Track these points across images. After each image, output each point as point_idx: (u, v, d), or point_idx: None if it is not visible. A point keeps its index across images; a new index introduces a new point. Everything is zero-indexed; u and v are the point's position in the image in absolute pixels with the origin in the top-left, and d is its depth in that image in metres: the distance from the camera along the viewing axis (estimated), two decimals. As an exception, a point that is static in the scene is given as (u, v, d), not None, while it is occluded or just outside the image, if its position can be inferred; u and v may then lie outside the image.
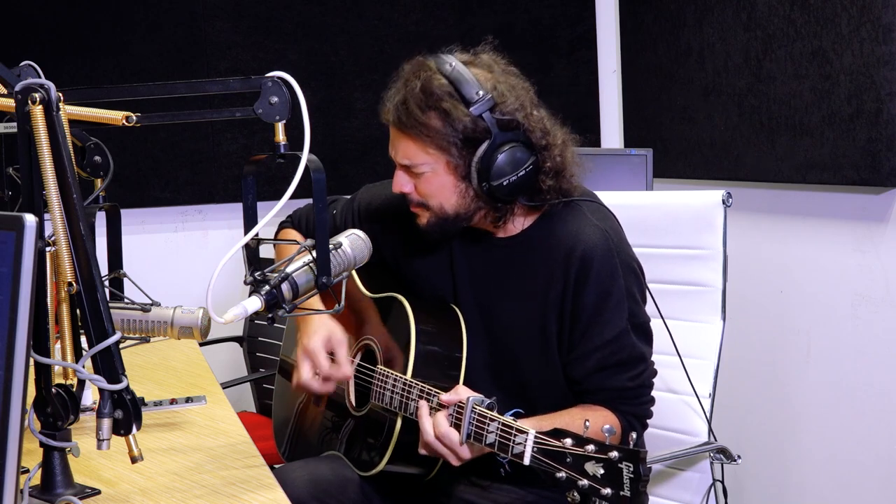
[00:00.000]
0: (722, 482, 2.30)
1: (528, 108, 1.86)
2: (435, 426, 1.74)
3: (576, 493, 1.51)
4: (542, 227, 1.94)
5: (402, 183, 1.90)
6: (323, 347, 1.96)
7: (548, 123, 1.88)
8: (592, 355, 1.87)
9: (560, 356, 1.91)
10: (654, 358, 1.95)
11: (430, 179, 1.86)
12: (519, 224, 1.94)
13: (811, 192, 2.95)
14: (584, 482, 1.51)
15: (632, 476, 1.47)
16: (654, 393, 1.94)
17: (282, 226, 2.27)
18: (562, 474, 1.53)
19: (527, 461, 1.59)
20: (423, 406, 1.79)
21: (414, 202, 1.91)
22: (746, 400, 3.17)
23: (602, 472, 1.49)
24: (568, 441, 1.54)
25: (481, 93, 1.81)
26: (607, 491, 1.48)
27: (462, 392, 1.75)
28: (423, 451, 1.78)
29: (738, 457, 2.20)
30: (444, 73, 1.83)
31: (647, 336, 1.93)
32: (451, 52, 1.88)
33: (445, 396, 1.76)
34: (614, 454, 1.49)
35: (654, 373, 1.94)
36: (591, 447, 1.51)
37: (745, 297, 2.90)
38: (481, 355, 1.96)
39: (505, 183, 1.82)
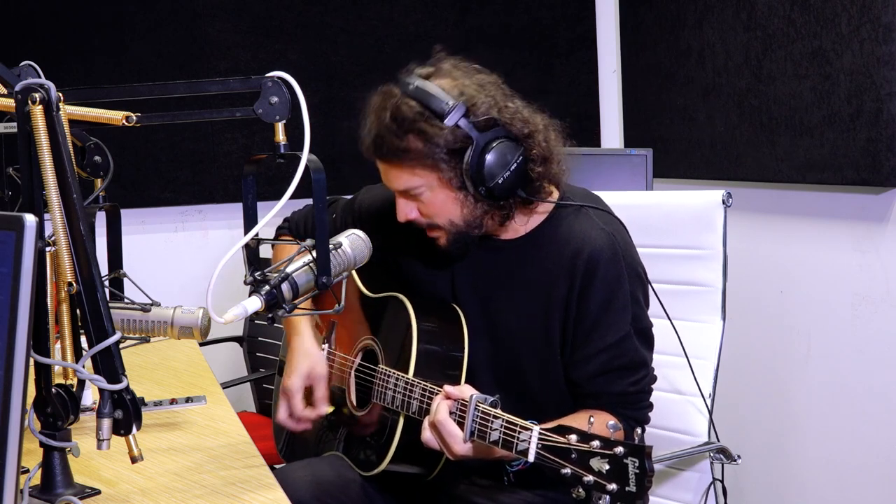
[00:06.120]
0: (721, 481, 2.30)
1: (502, 103, 1.84)
2: (437, 411, 1.72)
3: (581, 490, 1.50)
4: (547, 229, 1.93)
5: (406, 211, 1.90)
6: (301, 387, 2.00)
7: (525, 112, 1.87)
8: (595, 358, 1.87)
9: (562, 358, 1.91)
10: (655, 357, 1.95)
11: (430, 199, 1.87)
12: (523, 226, 1.94)
13: (811, 192, 2.95)
14: (590, 478, 1.49)
15: (637, 471, 1.45)
16: (654, 392, 1.94)
17: (279, 230, 2.26)
18: (567, 470, 1.52)
19: (531, 458, 1.58)
20: (443, 402, 1.75)
21: (425, 226, 1.91)
22: (746, 400, 3.17)
23: (607, 467, 1.48)
24: (572, 437, 1.53)
25: (450, 102, 1.79)
26: (613, 486, 1.47)
27: (466, 390, 1.75)
28: (424, 436, 1.75)
29: (738, 457, 2.20)
30: (409, 95, 1.82)
31: (649, 341, 1.93)
32: (411, 72, 1.86)
33: (450, 388, 1.74)
34: (619, 450, 1.47)
35: (654, 378, 1.95)
36: (595, 443, 1.50)
37: (745, 297, 2.90)
38: (483, 356, 1.95)
39: (500, 181, 1.82)
